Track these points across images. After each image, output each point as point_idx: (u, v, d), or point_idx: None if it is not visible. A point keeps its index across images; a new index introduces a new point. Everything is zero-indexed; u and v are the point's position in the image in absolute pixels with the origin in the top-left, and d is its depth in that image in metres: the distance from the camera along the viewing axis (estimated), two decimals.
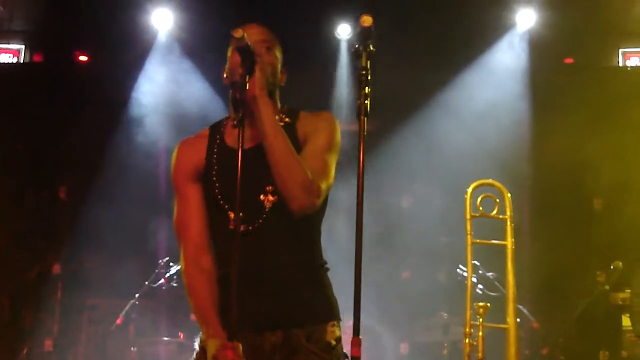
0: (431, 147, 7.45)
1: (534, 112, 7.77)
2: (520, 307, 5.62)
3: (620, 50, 8.31)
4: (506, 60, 7.89)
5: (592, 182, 7.51)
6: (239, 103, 2.46)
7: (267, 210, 2.60)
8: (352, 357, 2.12)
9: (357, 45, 2.26)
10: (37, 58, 8.86)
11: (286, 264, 2.60)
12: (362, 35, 2.25)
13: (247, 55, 2.47)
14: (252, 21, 2.74)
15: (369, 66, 2.25)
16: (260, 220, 2.59)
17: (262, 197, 2.60)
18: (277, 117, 2.67)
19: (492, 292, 5.60)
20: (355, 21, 2.25)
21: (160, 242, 7.32)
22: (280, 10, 7.20)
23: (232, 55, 2.66)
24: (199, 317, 2.62)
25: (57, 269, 7.10)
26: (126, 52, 7.92)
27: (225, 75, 2.72)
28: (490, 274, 5.68)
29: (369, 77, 2.23)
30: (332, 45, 8.06)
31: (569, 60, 8.20)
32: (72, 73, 8.34)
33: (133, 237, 7.26)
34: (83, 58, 8.52)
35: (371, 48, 2.25)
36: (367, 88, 2.22)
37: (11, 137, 8.07)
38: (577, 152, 7.42)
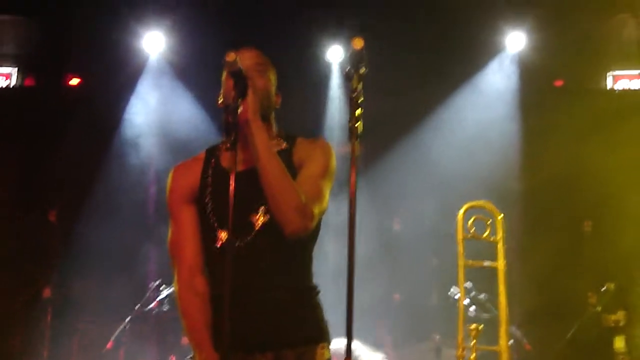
0: (423, 169, 7.46)
1: (524, 133, 7.80)
2: (513, 328, 5.62)
3: (609, 73, 8.35)
4: (497, 82, 7.93)
5: (582, 203, 7.53)
6: (232, 126, 2.47)
7: (256, 229, 2.60)
8: None
9: (348, 68, 2.28)
10: (29, 81, 8.86)
11: (276, 285, 2.61)
12: (354, 58, 2.26)
13: (240, 79, 2.49)
14: (244, 44, 2.76)
15: (360, 88, 2.26)
16: (249, 238, 2.60)
17: (254, 216, 2.61)
18: (274, 141, 2.70)
19: (484, 313, 5.59)
20: (347, 44, 2.26)
21: (150, 265, 7.29)
22: (271, 34, 7.23)
23: (225, 79, 2.68)
24: (192, 339, 2.63)
25: (47, 292, 7.06)
26: (118, 75, 7.92)
27: (220, 99, 2.74)
28: (482, 295, 5.67)
29: (361, 100, 2.24)
30: (323, 68, 8.09)
31: (558, 83, 8.24)
32: (64, 96, 8.33)
33: (123, 260, 7.24)
34: (75, 81, 8.52)
35: (363, 70, 2.26)
36: (358, 110, 2.23)
37: (2, 160, 8.04)
38: (566, 173, 7.45)
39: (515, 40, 7.90)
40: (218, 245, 2.62)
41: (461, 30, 7.53)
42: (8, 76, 8.75)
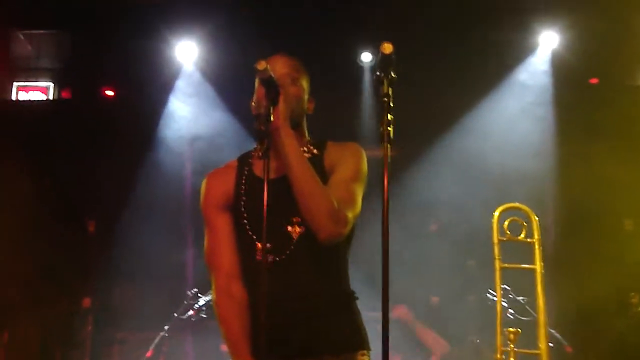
0: (457, 171, 7.42)
1: (559, 133, 7.72)
2: (553, 331, 5.55)
3: None
4: (530, 82, 7.85)
5: (621, 201, 7.42)
6: (264, 134, 2.48)
7: (294, 241, 2.61)
8: None
9: (378, 73, 2.28)
10: (65, 95, 8.99)
11: (315, 293, 2.62)
12: (383, 63, 2.26)
13: (271, 87, 2.50)
14: (277, 51, 2.77)
15: (390, 93, 2.26)
16: (288, 252, 2.60)
17: (289, 228, 2.62)
18: (304, 148, 2.71)
19: (523, 316, 5.54)
20: (376, 48, 2.25)
21: (188, 273, 7.34)
22: (303, 39, 7.25)
23: (258, 87, 2.69)
24: (230, 347, 2.64)
25: (87, 303, 7.14)
26: (152, 86, 7.99)
27: (253, 107, 2.75)
28: (520, 298, 5.62)
29: (391, 104, 2.24)
30: (356, 72, 8.08)
31: (593, 81, 8.14)
32: (100, 108, 8.43)
33: (161, 268, 7.29)
34: (110, 93, 8.62)
35: (392, 75, 2.26)
36: (389, 115, 2.22)
37: (40, 173, 8.16)
38: (604, 172, 7.35)
39: (549, 39, 7.81)
40: (258, 258, 2.62)
41: (493, 30, 7.48)
42: (45, 90, 8.89)
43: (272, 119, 2.49)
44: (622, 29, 7.65)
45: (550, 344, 3.95)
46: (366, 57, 8.05)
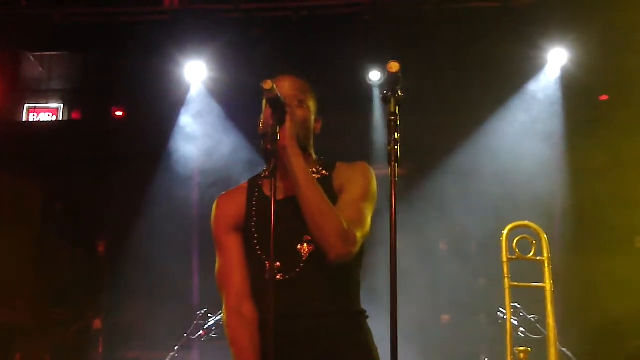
0: (466, 189, 7.41)
1: (569, 150, 7.69)
2: (564, 349, 5.51)
3: None
4: (539, 98, 7.84)
5: (632, 218, 7.38)
6: (270, 154, 2.48)
7: (304, 259, 2.61)
8: None
9: (385, 91, 2.28)
10: (75, 116, 9.04)
11: (325, 312, 2.61)
12: (390, 81, 2.26)
13: (278, 106, 2.51)
14: (285, 71, 2.77)
15: (397, 112, 2.25)
16: (297, 270, 2.60)
17: (299, 246, 2.62)
18: (313, 169, 2.70)
19: (534, 335, 5.49)
20: (384, 67, 2.26)
21: (197, 294, 7.33)
22: (312, 59, 7.27)
23: (265, 106, 2.70)
24: None
25: (97, 324, 7.14)
26: (161, 106, 8.01)
27: (260, 127, 2.76)
28: (532, 316, 5.58)
29: (398, 123, 2.24)
30: (365, 91, 8.09)
31: (603, 97, 8.12)
32: (109, 129, 8.47)
33: (171, 289, 7.29)
34: (119, 113, 8.66)
35: (400, 93, 2.26)
36: (396, 134, 2.22)
37: (51, 194, 8.19)
38: (614, 188, 7.32)
39: (558, 56, 7.80)
40: (267, 277, 2.61)
41: (502, 47, 7.48)
42: (55, 112, 8.94)
43: (278, 137, 2.49)
44: (632, 45, 7.64)
45: None
46: (375, 76, 8.06)
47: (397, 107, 2.26)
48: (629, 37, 7.52)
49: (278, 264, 2.51)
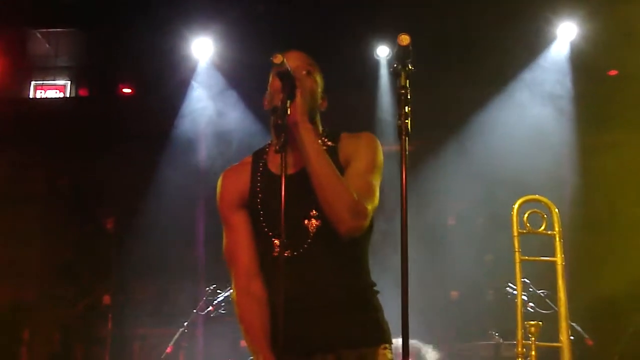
0: (475, 164, 7.39)
1: (578, 125, 7.66)
2: (574, 324, 5.51)
3: None
4: (549, 74, 7.80)
5: None
6: (281, 129, 2.46)
7: (311, 235, 2.59)
8: None
9: (395, 65, 2.25)
10: (83, 92, 9.03)
11: (334, 287, 2.59)
12: (401, 55, 2.23)
13: (288, 81, 2.48)
14: (292, 47, 2.75)
15: (408, 85, 2.23)
16: (305, 246, 2.58)
17: (306, 222, 2.60)
18: (320, 140, 2.67)
19: (543, 309, 5.50)
20: (393, 41, 2.23)
21: (207, 269, 7.35)
22: (319, 35, 7.23)
23: (272, 81, 2.67)
24: (250, 344, 2.62)
25: (107, 300, 7.16)
26: (168, 82, 8.00)
27: (266, 102, 2.73)
28: (541, 291, 5.58)
29: (409, 96, 2.22)
30: (372, 66, 8.06)
31: (612, 72, 8.07)
32: (117, 105, 8.46)
33: (180, 265, 7.31)
34: (127, 90, 8.65)
35: (410, 67, 2.23)
36: (407, 107, 2.20)
37: (58, 171, 8.20)
38: (624, 164, 7.30)
39: (567, 31, 7.75)
40: (275, 254, 2.60)
41: (511, 22, 7.43)
42: (62, 89, 8.93)
43: (289, 112, 2.48)
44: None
45: (571, 337, 3.90)
46: (382, 51, 8.02)
47: (407, 81, 2.24)
48: (638, 11, 7.46)
49: (285, 240, 2.49)
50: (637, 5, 7.37)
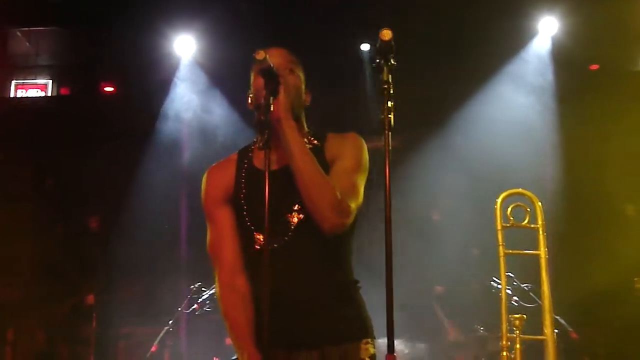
0: (458, 159, 7.41)
1: (560, 119, 7.70)
2: (558, 317, 5.54)
3: None
4: (530, 69, 7.83)
5: (622, 187, 7.42)
6: (264, 125, 2.46)
7: (293, 227, 2.60)
8: None
9: (378, 60, 2.25)
10: (64, 91, 8.97)
11: (315, 282, 2.60)
12: (383, 50, 2.24)
13: (271, 77, 2.48)
14: (275, 44, 2.75)
15: (390, 80, 2.24)
16: (286, 238, 2.59)
17: (288, 215, 2.61)
18: (305, 139, 2.68)
19: (527, 303, 5.53)
20: (375, 36, 2.23)
21: (191, 268, 7.33)
22: (302, 32, 7.22)
23: (255, 78, 2.67)
24: (235, 340, 2.63)
25: (91, 299, 7.15)
26: (150, 80, 7.97)
27: (249, 101, 2.73)
28: (525, 285, 5.61)
29: (391, 91, 2.22)
30: (355, 63, 8.06)
31: (594, 67, 8.12)
32: (99, 104, 8.42)
33: (164, 263, 7.29)
34: (109, 89, 8.60)
35: (392, 62, 2.24)
36: (389, 102, 2.20)
37: (41, 170, 8.15)
38: (605, 157, 7.34)
39: (548, 25, 7.78)
40: (257, 248, 2.62)
41: (493, 17, 7.45)
42: (43, 87, 8.87)
43: (272, 109, 2.47)
44: (622, 14, 7.62)
45: (555, 330, 3.93)
46: (365, 48, 8.03)
47: (390, 76, 2.24)
48: (620, 6, 7.51)
49: (267, 234, 2.48)
50: (616, 0, 7.43)
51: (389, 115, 2.19)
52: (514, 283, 5.61)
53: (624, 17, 7.67)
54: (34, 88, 8.90)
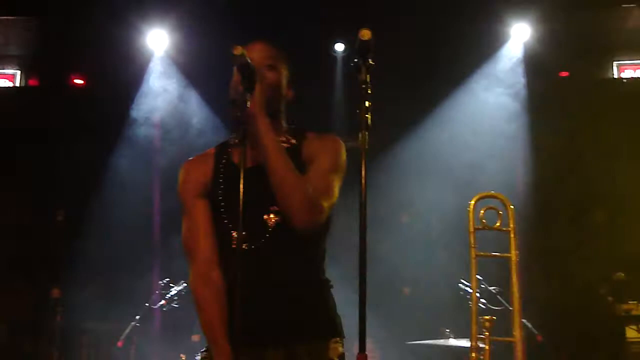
0: (430, 161, 7.44)
1: (531, 125, 7.76)
2: (524, 320, 5.58)
3: (615, 63, 8.34)
4: (502, 73, 7.89)
5: (592, 192, 7.51)
6: (239, 122, 2.45)
7: (270, 229, 2.59)
8: None
9: (356, 60, 2.25)
10: (33, 82, 8.85)
11: (289, 282, 2.60)
12: (362, 49, 2.24)
13: (247, 73, 2.46)
14: (248, 40, 2.73)
15: (369, 80, 2.24)
16: (263, 240, 2.58)
17: (265, 216, 2.60)
18: (283, 137, 2.68)
19: (495, 306, 5.57)
20: (353, 36, 2.23)
21: (159, 264, 7.29)
22: (276, 29, 7.19)
23: (234, 73, 2.65)
24: (207, 332, 2.61)
25: (56, 293, 7.05)
26: (122, 74, 7.90)
27: (230, 92, 2.72)
28: (492, 288, 5.65)
29: (369, 91, 2.22)
30: (328, 62, 8.06)
31: (564, 74, 8.20)
32: (68, 96, 8.32)
33: (132, 259, 7.23)
34: (79, 81, 8.50)
35: (371, 62, 2.24)
36: (367, 102, 2.20)
37: (7, 162, 8.03)
38: (575, 163, 7.43)
39: (520, 31, 7.85)
40: (233, 247, 2.58)
41: (465, 21, 7.49)
42: (11, 78, 8.75)
43: (248, 105, 2.46)
44: (592, 24, 7.72)
45: None
46: (339, 47, 8.03)
47: (368, 76, 2.24)
48: (591, 14, 7.60)
49: (244, 233, 2.48)
50: (587, 10, 7.51)
51: (367, 115, 2.19)
52: (482, 286, 5.64)
53: (595, 26, 7.77)
54: (2, 78, 8.77)
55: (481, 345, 3.78)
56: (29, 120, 7.99)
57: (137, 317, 6.02)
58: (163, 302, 5.99)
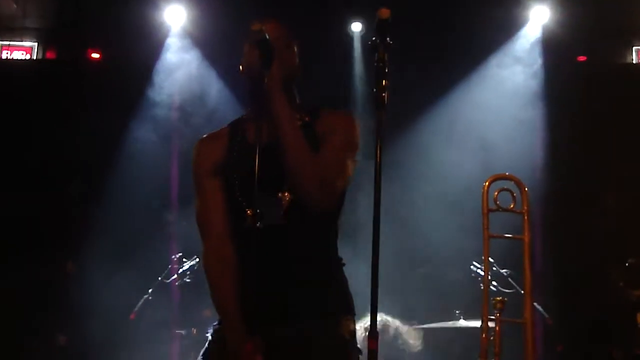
0: (446, 142, 7.43)
1: (548, 109, 7.72)
2: (534, 303, 5.58)
3: (634, 48, 8.28)
4: (520, 55, 7.84)
5: (605, 178, 7.48)
6: (256, 98, 2.45)
7: (284, 207, 2.59)
8: (369, 351, 2.11)
9: (374, 38, 2.25)
10: (50, 55, 8.87)
11: (302, 260, 2.61)
12: (380, 28, 2.23)
13: (266, 49, 2.46)
14: (264, 17, 2.72)
15: (386, 58, 2.23)
16: (277, 218, 2.58)
17: (280, 194, 2.60)
18: (297, 115, 2.66)
19: (505, 289, 5.57)
20: (371, 15, 2.22)
21: (173, 238, 7.31)
22: (293, 9, 7.17)
23: (249, 49, 2.64)
24: (220, 309, 2.63)
25: (70, 267, 7.12)
26: (139, 49, 7.90)
27: (241, 68, 2.71)
28: (504, 270, 5.64)
29: (387, 70, 2.21)
30: (345, 41, 8.03)
31: (582, 58, 8.15)
32: (85, 70, 8.33)
33: (147, 233, 7.25)
34: (95, 55, 8.51)
35: (388, 41, 2.23)
36: (384, 80, 2.20)
37: (23, 134, 8.06)
38: (590, 148, 7.39)
39: (539, 14, 7.79)
40: (246, 224, 2.60)
41: (483, 3, 7.45)
42: (29, 50, 8.77)
43: (265, 81, 2.46)
44: (612, 6, 7.65)
45: None
46: (356, 27, 8.00)
47: (386, 54, 2.23)
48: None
49: (258, 211, 2.48)
50: None
51: (383, 94, 2.19)
52: (493, 268, 5.63)
53: (614, 10, 7.70)
54: (19, 50, 8.79)
55: (491, 325, 3.79)
56: (46, 92, 8.02)
57: (150, 290, 6.06)
58: (175, 276, 6.02)
